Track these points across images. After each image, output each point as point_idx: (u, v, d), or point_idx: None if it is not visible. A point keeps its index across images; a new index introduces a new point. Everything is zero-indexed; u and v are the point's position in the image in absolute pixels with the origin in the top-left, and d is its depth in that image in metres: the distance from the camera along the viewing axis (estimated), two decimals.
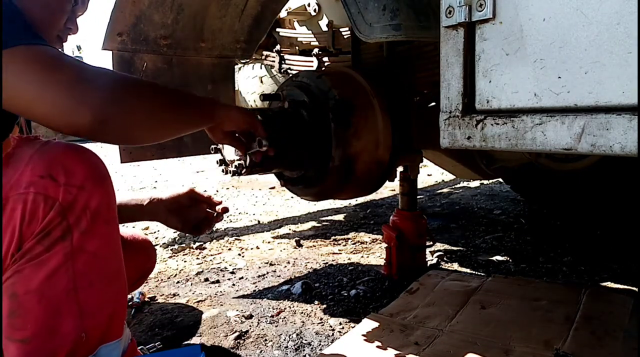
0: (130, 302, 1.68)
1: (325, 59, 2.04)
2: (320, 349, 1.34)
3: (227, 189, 4.27)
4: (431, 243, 2.21)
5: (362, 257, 2.17)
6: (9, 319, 0.80)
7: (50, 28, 1.01)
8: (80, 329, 0.83)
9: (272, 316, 1.57)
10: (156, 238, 2.70)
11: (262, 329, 1.48)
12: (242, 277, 1.98)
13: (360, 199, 3.37)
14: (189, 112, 0.96)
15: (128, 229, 1.45)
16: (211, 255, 2.33)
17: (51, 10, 0.99)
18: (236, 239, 2.59)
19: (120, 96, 0.82)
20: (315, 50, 2.06)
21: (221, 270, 2.08)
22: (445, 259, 2.07)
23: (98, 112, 0.78)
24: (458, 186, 3.84)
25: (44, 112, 0.78)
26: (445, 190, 3.73)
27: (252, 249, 2.40)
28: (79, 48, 13.31)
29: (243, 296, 1.77)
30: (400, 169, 1.80)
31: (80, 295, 0.83)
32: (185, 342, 1.43)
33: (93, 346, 0.87)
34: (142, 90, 0.88)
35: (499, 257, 2.07)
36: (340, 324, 1.50)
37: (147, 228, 2.94)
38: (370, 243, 2.39)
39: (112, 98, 0.80)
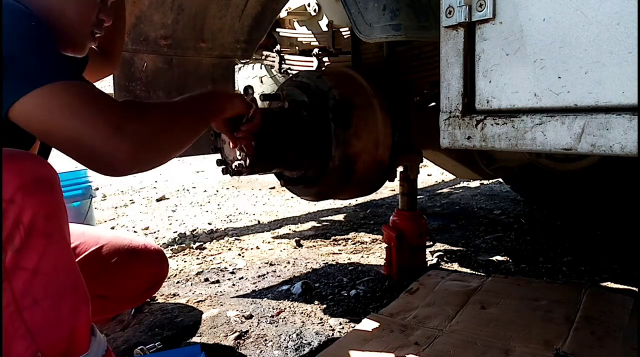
0: None
1: (325, 59, 2.04)
2: (320, 349, 1.34)
3: (227, 189, 4.27)
4: (431, 243, 2.21)
5: (362, 257, 2.17)
6: None
7: (83, 24, 1.02)
8: (35, 349, 0.80)
9: (272, 316, 1.57)
10: (156, 238, 2.70)
11: (262, 329, 1.48)
12: (242, 277, 1.98)
13: (360, 199, 3.37)
14: (204, 120, 1.04)
15: (140, 238, 1.43)
16: (211, 255, 2.33)
17: (81, 5, 1.00)
18: (236, 239, 2.59)
19: (152, 140, 0.87)
20: (315, 50, 2.06)
21: (221, 270, 2.08)
22: (445, 259, 2.07)
23: (132, 161, 0.83)
24: (458, 186, 3.84)
25: (84, 153, 0.81)
26: (445, 190, 3.73)
27: (252, 249, 2.40)
28: None
29: (243, 296, 1.77)
30: (400, 169, 1.80)
31: (26, 315, 0.79)
32: (185, 342, 1.43)
33: None
34: (166, 122, 0.92)
35: (499, 257, 2.07)
36: (340, 324, 1.50)
37: (147, 228, 2.95)
38: (370, 243, 2.39)
39: (146, 145, 0.86)
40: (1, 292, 0.79)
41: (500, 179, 3.21)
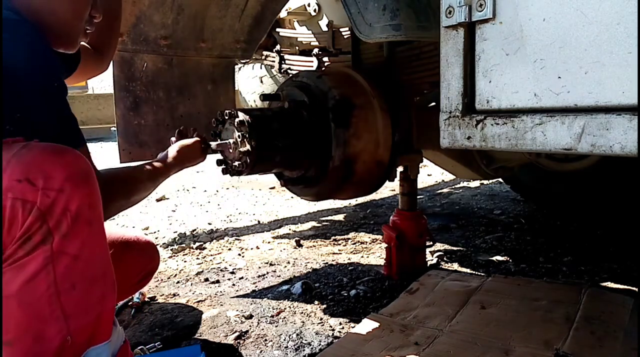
0: (130, 302, 1.68)
1: (325, 59, 2.04)
2: (320, 349, 1.34)
3: (227, 189, 4.27)
4: (431, 243, 2.21)
5: (362, 257, 2.17)
6: None
7: (77, 21, 1.05)
8: (66, 332, 0.83)
9: (272, 316, 1.57)
10: (156, 238, 2.70)
11: (262, 329, 1.48)
12: (242, 277, 1.98)
13: (360, 199, 3.37)
14: (156, 185, 1.23)
15: (132, 231, 1.46)
16: (211, 255, 2.33)
17: (76, 3, 1.03)
18: (236, 239, 2.59)
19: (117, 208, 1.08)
20: (315, 50, 2.06)
21: (221, 270, 2.08)
22: (445, 259, 2.07)
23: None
24: (458, 186, 3.84)
25: None
26: (445, 190, 3.73)
27: (252, 249, 2.40)
28: None
29: (243, 296, 1.77)
30: (400, 169, 1.80)
31: (63, 298, 0.82)
32: (185, 342, 1.43)
33: (80, 348, 0.86)
34: (130, 190, 1.13)
35: (499, 257, 2.07)
36: (340, 324, 1.50)
37: (147, 228, 2.95)
38: (370, 243, 2.39)
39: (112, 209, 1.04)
40: (1, 289, 0.80)
41: (500, 179, 3.21)
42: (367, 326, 1.39)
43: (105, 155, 6.72)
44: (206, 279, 1.97)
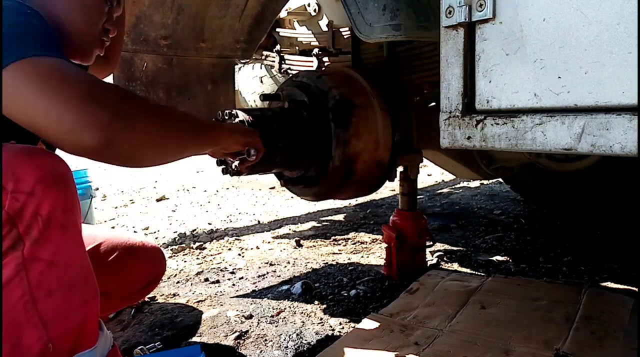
0: None
1: (325, 59, 2.04)
2: (320, 349, 1.34)
3: (227, 189, 4.27)
4: (431, 243, 2.21)
5: (362, 257, 2.17)
6: None
7: (90, 30, 1.04)
8: (46, 340, 0.81)
9: (272, 316, 1.57)
10: (156, 238, 2.70)
11: (262, 329, 1.48)
12: (242, 277, 1.98)
13: (360, 199, 3.37)
14: (196, 136, 0.98)
15: (138, 236, 1.44)
16: (211, 255, 2.33)
17: (89, 12, 1.02)
18: (236, 239, 2.59)
19: (129, 117, 0.82)
20: (315, 50, 2.06)
21: (221, 270, 2.09)
22: (445, 259, 2.07)
23: (105, 133, 0.78)
24: (458, 186, 3.84)
25: (50, 131, 0.78)
26: (445, 190, 3.73)
27: (252, 249, 2.40)
28: None
29: (243, 296, 1.77)
30: (400, 169, 1.80)
31: (40, 305, 0.80)
32: (185, 342, 1.43)
33: (63, 355, 0.84)
34: (150, 111, 0.89)
35: (499, 257, 2.07)
36: (340, 324, 1.50)
37: (147, 228, 2.95)
38: (370, 243, 2.39)
39: (121, 119, 0.80)
40: (1, 292, 0.79)
41: (500, 179, 3.21)
42: (367, 326, 1.39)
43: None
44: (206, 279, 1.97)
